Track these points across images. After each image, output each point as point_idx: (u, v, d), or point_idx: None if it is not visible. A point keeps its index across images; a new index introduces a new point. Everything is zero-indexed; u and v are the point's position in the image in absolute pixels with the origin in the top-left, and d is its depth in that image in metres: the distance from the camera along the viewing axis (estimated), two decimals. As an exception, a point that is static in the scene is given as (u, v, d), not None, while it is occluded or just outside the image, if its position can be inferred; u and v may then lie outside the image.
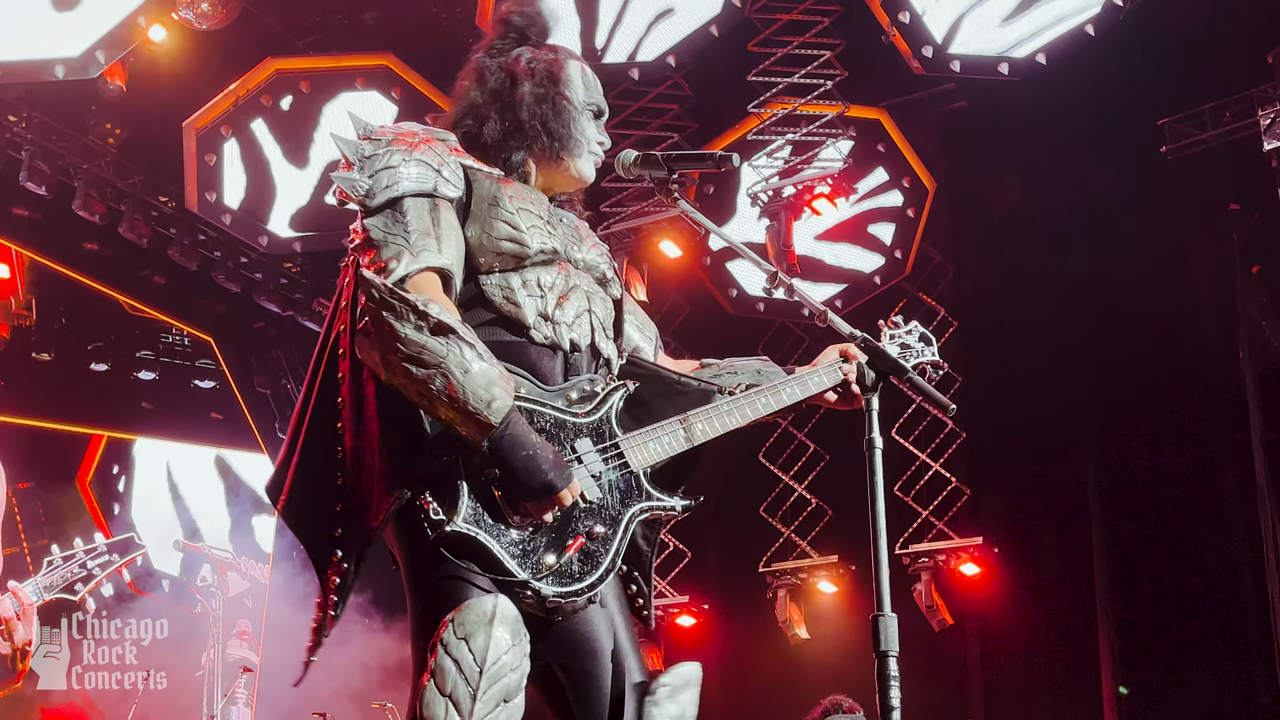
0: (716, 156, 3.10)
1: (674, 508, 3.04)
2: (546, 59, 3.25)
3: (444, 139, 3.14)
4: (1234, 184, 9.07)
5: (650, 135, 9.49)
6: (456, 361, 2.70)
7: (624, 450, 2.99)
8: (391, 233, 2.89)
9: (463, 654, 2.66)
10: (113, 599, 8.39)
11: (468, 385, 2.69)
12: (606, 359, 3.14)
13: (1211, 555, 9.07)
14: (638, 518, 2.98)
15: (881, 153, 9.96)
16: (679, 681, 2.95)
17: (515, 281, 3.00)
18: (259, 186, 9.55)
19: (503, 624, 2.69)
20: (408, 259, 2.84)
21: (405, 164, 2.98)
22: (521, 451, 2.74)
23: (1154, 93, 8.89)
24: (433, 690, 2.66)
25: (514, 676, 2.70)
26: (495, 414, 2.71)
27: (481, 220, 3.02)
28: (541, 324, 2.99)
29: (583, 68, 3.29)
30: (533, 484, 2.75)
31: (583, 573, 2.84)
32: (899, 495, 10.16)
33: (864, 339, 2.69)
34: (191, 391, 11.37)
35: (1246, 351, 9.01)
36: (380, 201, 2.94)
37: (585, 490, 2.89)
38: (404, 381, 2.72)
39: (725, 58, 9.28)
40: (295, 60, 9.41)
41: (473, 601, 2.70)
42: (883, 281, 10.20)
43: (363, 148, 3.04)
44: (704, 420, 3.08)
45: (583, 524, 2.87)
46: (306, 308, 10.82)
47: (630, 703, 2.92)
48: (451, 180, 3.03)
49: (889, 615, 2.48)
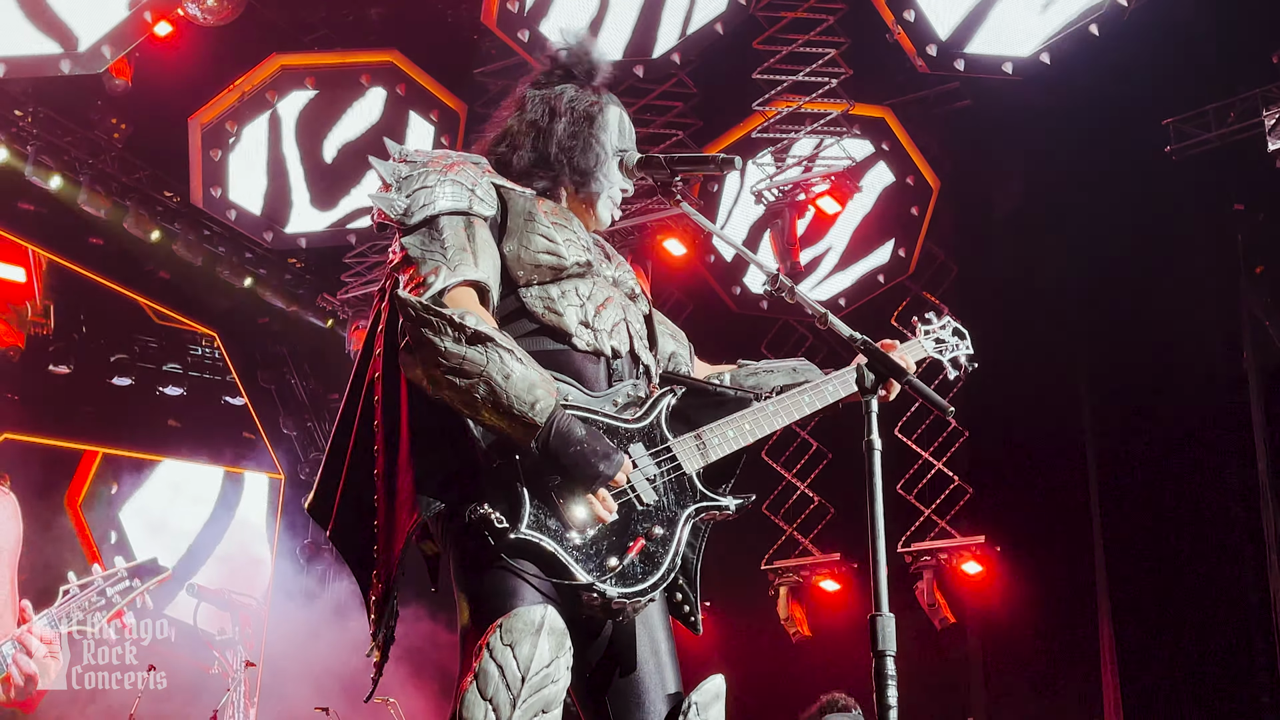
0: (719, 159, 3.14)
1: (728, 507, 3.10)
2: (588, 99, 3.31)
3: (477, 162, 3.21)
4: (1238, 184, 9.06)
5: (655, 133, 9.49)
6: (497, 368, 2.76)
7: (676, 453, 3.05)
8: (429, 249, 2.96)
9: (507, 660, 2.69)
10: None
11: (510, 390, 2.75)
12: (647, 366, 3.21)
13: (1214, 554, 9.07)
14: (693, 517, 3.04)
15: (886, 151, 9.96)
16: (708, 698, 2.98)
17: (555, 292, 3.07)
18: (264, 182, 9.58)
19: (550, 635, 2.73)
20: (445, 273, 2.91)
21: (440, 184, 3.06)
22: (571, 448, 2.79)
23: (1158, 93, 8.89)
24: (474, 693, 2.69)
25: (555, 688, 2.74)
26: (540, 415, 2.77)
27: (519, 235, 3.10)
28: (583, 332, 3.06)
29: (621, 115, 3.36)
30: (586, 474, 2.81)
31: (645, 573, 2.90)
32: (901, 494, 10.17)
33: (864, 341, 2.70)
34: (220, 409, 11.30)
35: (1250, 351, 9.02)
36: (417, 220, 3.02)
37: (642, 493, 2.95)
38: (449, 394, 2.78)
39: (730, 55, 9.29)
40: (300, 56, 9.43)
41: (522, 610, 2.74)
42: (886, 280, 10.21)
43: (399, 169, 3.11)
44: (745, 422, 3.15)
45: (641, 526, 2.93)
46: (311, 303, 10.85)
47: (664, 713, 2.97)
48: (485, 199, 3.10)
49: (887, 615, 2.49)
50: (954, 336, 3.92)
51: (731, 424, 3.15)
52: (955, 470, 10.20)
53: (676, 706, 2.96)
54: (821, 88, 9.25)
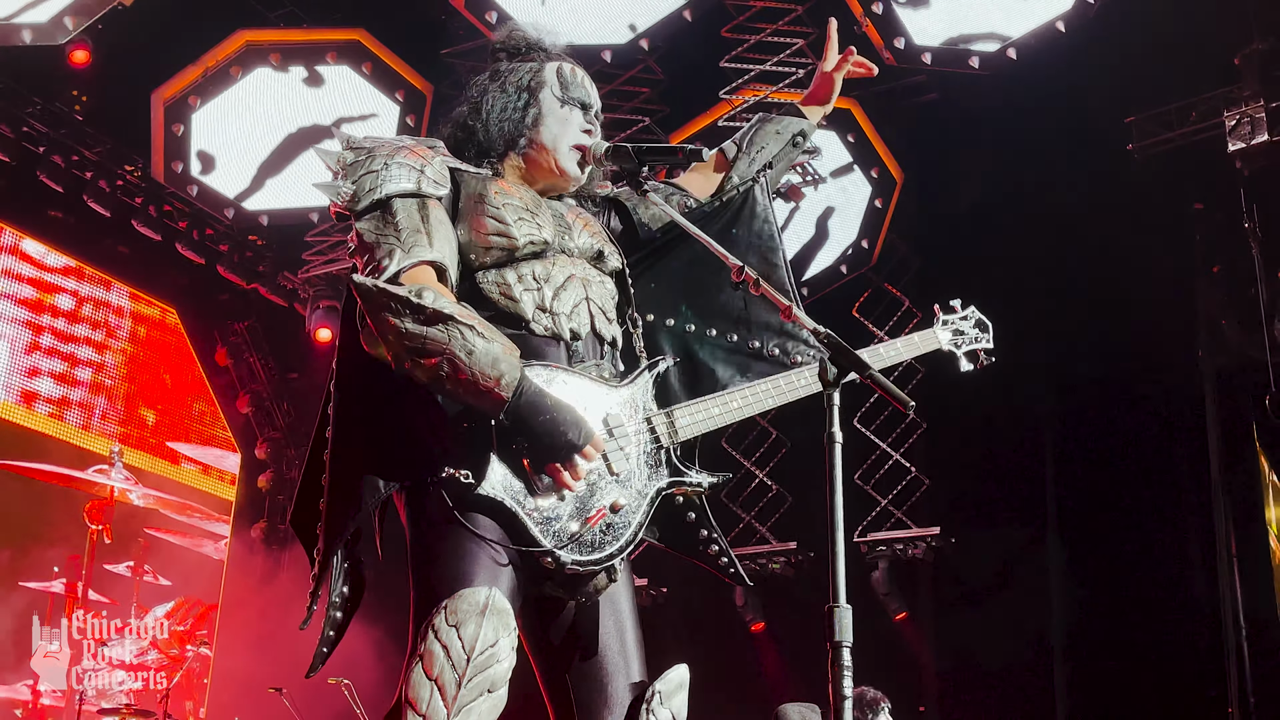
0: (686, 150, 3.16)
1: (700, 484, 3.14)
2: (524, 66, 3.33)
3: (432, 145, 3.21)
4: (1198, 184, 9.14)
5: (621, 118, 9.49)
6: (460, 345, 2.78)
7: (654, 424, 3.07)
8: (382, 233, 2.97)
9: (452, 641, 2.72)
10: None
11: (474, 365, 2.78)
12: (610, 340, 3.20)
13: (1165, 551, 9.16)
14: (664, 491, 3.06)
15: (851, 143, 9.99)
16: (671, 687, 3.01)
17: (510, 277, 3.07)
18: (227, 158, 9.50)
19: (495, 615, 2.75)
20: (400, 255, 2.92)
21: (387, 168, 3.06)
22: (540, 416, 2.83)
23: (1123, 90, 8.95)
24: (419, 673, 2.73)
25: (500, 668, 2.76)
26: (506, 388, 2.80)
27: (469, 218, 3.10)
28: (541, 316, 3.06)
29: (560, 67, 3.35)
30: (555, 444, 2.84)
31: (603, 543, 2.92)
32: (858, 483, 10.23)
33: (827, 334, 2.72)
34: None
35: (1205, 350, 9.11)
36: (365, 205, 3.02)
37: (613, 462, 2.97)
38: (415, 372, 2.82)
39: (698, 42, 9.29)
40: (266, 33, 9.34)
41: (466, 591, 2.77)
42: (849, 271, 10.26)
43: (345, 156, 3.11)
44: (734, 399, 3.20)
45: (607, 495, 2.95)
46: (271, 281, 10.77)
47: (627, 700, 2.99)
48: (436, 180, 3.10)
49: (844, 606, 2.51)
50: (975, 329, 3.88)
51: (718, 400, 3.18)
52: (913, 461, 10.27)
53: (641, 694, 2.98)
54: (789, 78, 9.28)
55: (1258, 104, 8.48)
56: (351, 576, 3.03)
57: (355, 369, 2.98)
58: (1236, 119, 8.52)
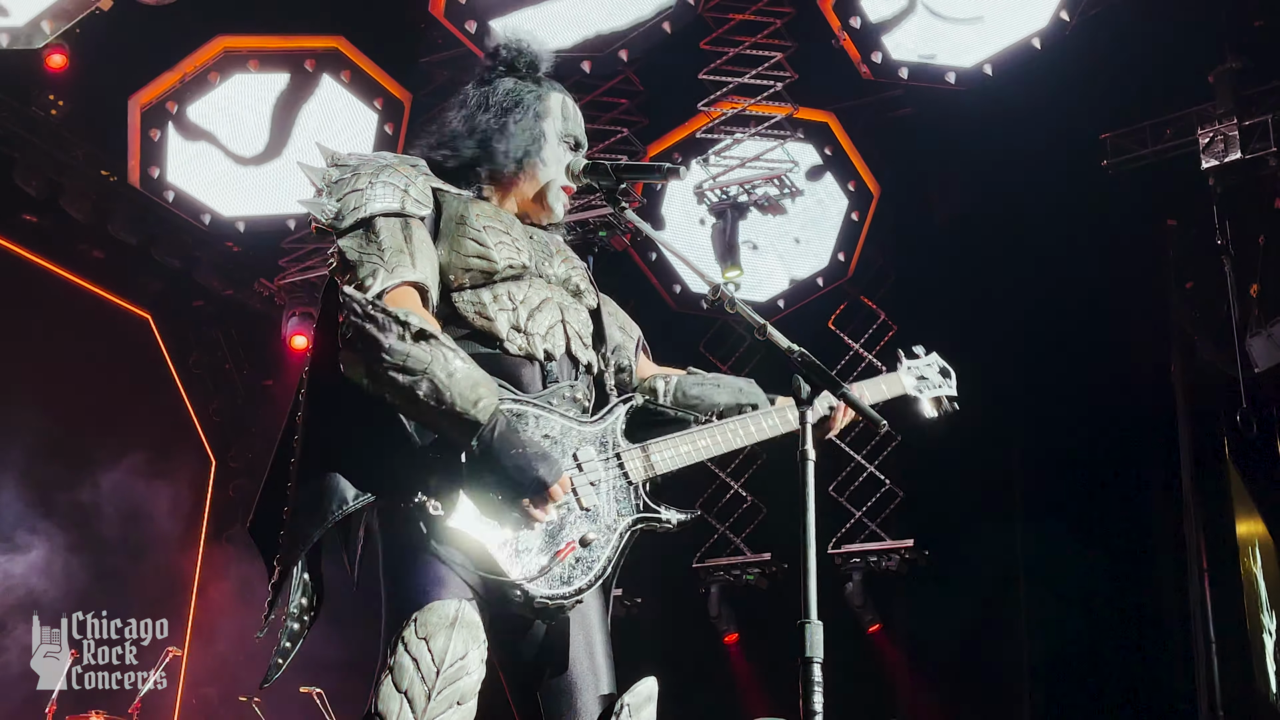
0: (664, 168, 3.16)
1: (669, 521, 3.14)
2: (528, 89, 3.31)
3: (414, 164, 3.20)
4: (1171, 201, 9.20)
5: (600, 129, 9.50)
6: (441, 366, 2.77)
7: (624, 461, 3.07)
8: (366, 252, 2.95)
9: (421, 653, 2.73)
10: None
11: (453, 388, 2.77)
12: (586, 364, 3.20)
13: (1136, 563, 9.22)
14: (633, 528, 3.06)
15: (829, 156, 10.03)
16: (640, 700, 3.01)
17: (486, 297, 3.06)
18: (203, 164, 9.48)
19: (464, 628, 2.76)
20: (383, 275, 2.91)
21: (371, 186, 3.05)
22: (512, 449, 2.80)
23: (1097, 107, 9.01)
24: (389, 686, 2.73)
25: (469, 680, 2.77)
26: (482, 413, 2.78)
27: (450, 239, 3.09)
28: (515, 336, 3.05)
29: (565, 100, 3.35)
30: (524, 480, 2.81)
31: (572, 577, 2.91)
32: (833, 495, 10.24)
33: (801, 353, 2.73)
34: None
35: (1178, 365, 9.17)
36: (350, 223, 3.00)
37: (583, 497, 2.97)
38: (390, 392, 2.79)
39: (677, 54, 9.32)
40: (244, 39, 9.34)
41: (437, 604, 2.77)
42: (825, 284, 10.28)
43: (330, 173, 3.10)
44: (703, 438, 3.21)
45: (577, 529, 2.94)
46: (247, 287, 10.74)
47: (596, 713, 2.99)
48: (419, 200, 3.09)
49: (815, 623, 2.52)
50: (939, 375, 3.87)
51: (685, 439, 3.18)
52: (887, 474, 10.29)
53: (610, 707, 2.98)
54: (767, 90, 9.31)
55: (1231, 122, 8.55)
56: (311, 588, 3.01)
57: (328, 379, 2.95)
58: (1210, 136, 8.59)
